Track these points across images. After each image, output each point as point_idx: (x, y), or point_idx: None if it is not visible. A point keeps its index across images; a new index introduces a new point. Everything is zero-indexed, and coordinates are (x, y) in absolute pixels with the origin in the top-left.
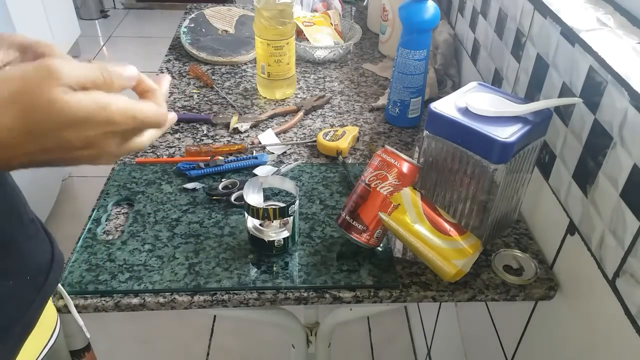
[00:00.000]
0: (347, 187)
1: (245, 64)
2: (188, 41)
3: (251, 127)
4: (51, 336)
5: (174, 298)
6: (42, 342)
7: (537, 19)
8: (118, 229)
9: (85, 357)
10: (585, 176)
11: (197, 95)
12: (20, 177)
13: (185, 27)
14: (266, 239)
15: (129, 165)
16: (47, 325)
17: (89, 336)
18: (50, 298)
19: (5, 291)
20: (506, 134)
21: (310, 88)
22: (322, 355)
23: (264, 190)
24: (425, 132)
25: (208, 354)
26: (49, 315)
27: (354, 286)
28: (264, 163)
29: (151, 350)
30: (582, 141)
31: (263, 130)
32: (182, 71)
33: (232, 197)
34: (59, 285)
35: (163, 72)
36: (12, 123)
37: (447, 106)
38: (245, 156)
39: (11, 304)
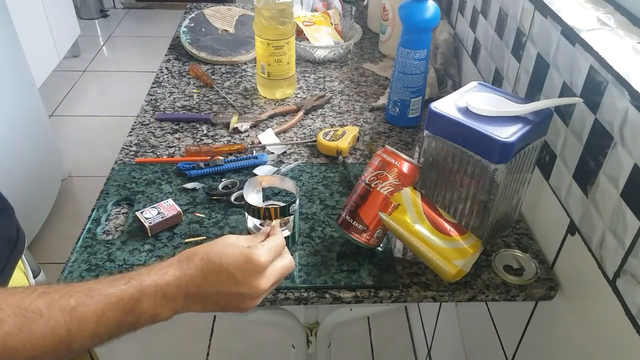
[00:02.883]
0: (347, 187)
1: (245, 63)
2: (188, 41)
3: (251, 127)
4: None
5: None
6: None
7: (537, 18)
8: (118, 229)
9: None
10: (585, 176)
11: (197, 95)
12: (21, 177)
13: (185, 27)
14: None
15: (129, 165)
16: None
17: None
18: (22, 269)
19: None
20: (506, 133)
21: (310, 88)
22: (322, 355)
23: (264, 190)
24: (426, 132)
25: (208, 354)
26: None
27: (354, 286)
28: (264, 163)
29: (151, 350)
30: (583, 141)
31: (263, 130)
32: (182, 71)
33: (232, 197)
34: (23, 256)
35: (163, 72)
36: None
37: (447, 106)
38: (245, 156)
39: None
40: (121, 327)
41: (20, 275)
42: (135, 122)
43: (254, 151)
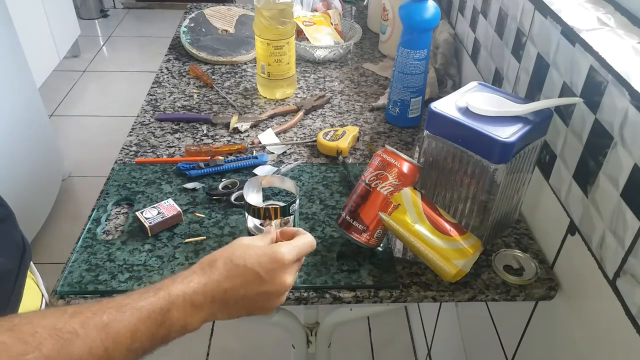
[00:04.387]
0: (347, 187)
1: (245, 63)
2: (188, 41)
3: (251, 127)
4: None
5: None
6: None
7: (537, 18)
8: (118, 229)
9: None
10: (585, 176)
11: (197, 95)
12: (21, 177)
13: (185, 27)
14: None
15: (129, 165)
16: (34, 303)
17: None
18: (32, 276)
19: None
20: (506, 133)
21: (310, 88)
22: (322, 355)
23: (264, 190)
24: (426, 132)
25: (208, 354)
26: (34, 295)
27: (354, 286)
28: (264, 163)
29: None
30: (583, 141)
31: (263, 130)
32: (182, 71)
33: (232, 197)
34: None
35: (163, 72)
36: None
37: (447, 106)
38: (245, 156)
39: (5, 278)
40: (154, 340)
41: (29, 282)
42: (135, 122)
43: (254, 151)
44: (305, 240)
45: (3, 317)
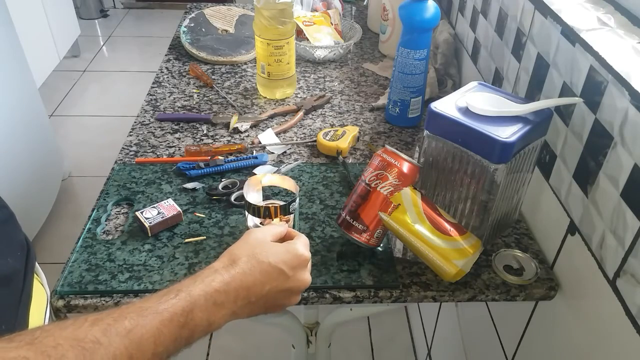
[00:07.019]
0: (347, 187)
1: (245, 63)
2: (188, 41)
3: (251, 127)
4: (46, 310)
5: None
6: (40, 317)
7: (537, 18)
8: (118, 229)
9: None
10: (585, 176)
11: (197, 95)
12: (21, 177)
13: (185, 27)
14: None
15: (129, 165)
16: (41, 302)
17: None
18: (38, 277)
19: (7, 268)
20: (506, 133)
21: (311, 88)
22: (322, 355)
23: (263, 189)
24: (426, 132)
25: (208, 354)
26: (40, 294)
27: (354, 286)
28: (264, 163)
29: None
30: (583, 141)
31: (263, 130)
32: (182, 71)
33: (232, 197)
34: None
35: (163, 72)
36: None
37: (447, 106)
38: (245, 156)
39: (14, 278)
40: (178, 343)
41: (35, 282)
42: (135, 122)
43: (254, 151)
44: (306, 239)
45: (23, 331)
